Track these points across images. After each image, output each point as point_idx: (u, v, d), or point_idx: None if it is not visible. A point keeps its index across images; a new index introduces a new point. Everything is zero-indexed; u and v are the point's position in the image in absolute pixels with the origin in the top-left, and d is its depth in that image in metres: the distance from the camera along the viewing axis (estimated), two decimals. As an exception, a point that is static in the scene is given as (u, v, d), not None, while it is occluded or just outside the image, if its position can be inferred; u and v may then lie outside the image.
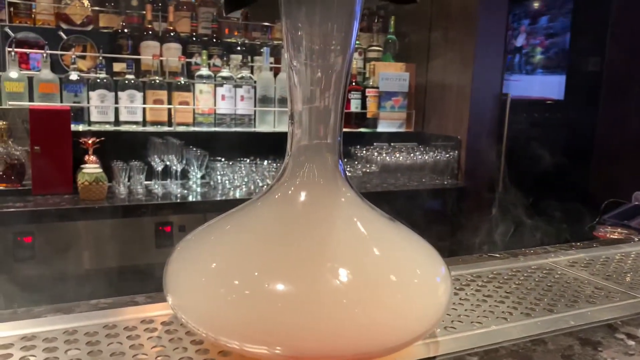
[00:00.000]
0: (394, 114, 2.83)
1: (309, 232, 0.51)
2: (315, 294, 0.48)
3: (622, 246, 0.91)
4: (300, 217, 0.52)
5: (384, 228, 0.55)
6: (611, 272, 0.78)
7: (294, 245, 0.50)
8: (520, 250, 0.86)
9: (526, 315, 0.62)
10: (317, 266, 0.49)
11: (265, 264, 0.49)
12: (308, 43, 0.51)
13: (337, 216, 0.53)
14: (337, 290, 0.48)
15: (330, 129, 0.53)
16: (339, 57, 0.52)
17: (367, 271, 0.51)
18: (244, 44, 2.63)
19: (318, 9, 0.50)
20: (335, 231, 0.52)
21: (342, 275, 0.49)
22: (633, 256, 0.86)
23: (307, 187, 0.53)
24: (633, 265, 0.81)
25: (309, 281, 0.48)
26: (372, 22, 2.89)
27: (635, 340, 0.58)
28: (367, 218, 0.54)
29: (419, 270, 0.53)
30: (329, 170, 0.53)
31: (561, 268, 0.79)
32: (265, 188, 0.54)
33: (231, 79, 2.51)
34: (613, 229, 1.62)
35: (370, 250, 0.52)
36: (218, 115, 2.51)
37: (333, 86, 0.52)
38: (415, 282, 0.52)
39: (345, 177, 0.54)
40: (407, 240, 0.55)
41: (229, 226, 0.53)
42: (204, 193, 2.33)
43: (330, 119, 0.53)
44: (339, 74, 0.52)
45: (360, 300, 0.49)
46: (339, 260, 0.50)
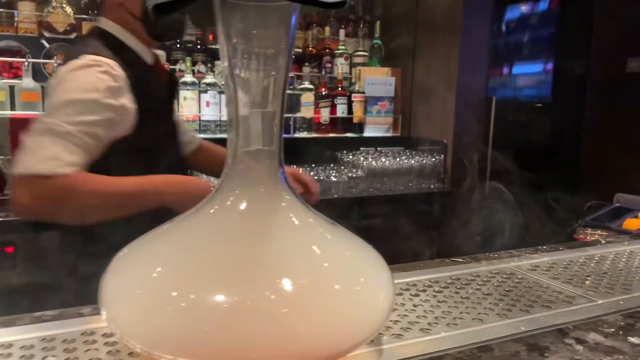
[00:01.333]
0: (380, 119, 2.83)
1: (247, 241, 0.51)
2: (252, 305, 0.47)
3: (588, 249, 0.91)
4: (239, 226, 0.51)
5: (325, 234, 0.54)
6: (572, 276, 0.77)
7: (232, 255, 0.50)
8: (484, 254, 0.86)
9: (478, 321, 0.62)
10: (255, 276, 0.49)
11: (201, 275, 0.48)
12: (244, 47, 0.50)
13: (276, 224, 0.52)
14: (274, 299, 0.48)
15: (270, 134, 0.52)
16: (276, 61, 0.51)
17: (305, 279, 0.50)
18: (228, 51, 2.63)
19: (253, 13, 0.50)
20: (274, 239, 0.52)
21: (280, 285, 0.48)
22: (597, 259, 0.86)
23: (246, 195, 0.52)
24: (595, 268, 0.81)
25: (245, 292, 0.48)
26: (357, 28, 2.89)
27: (584, 345, 0.57)
28: (308, 225, 0.54)
29: (358, 277, 0.52)
30: (269, 177, 0.53)
31: (522, 272, 0.78)
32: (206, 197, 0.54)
33: (216, 85, 2.51)
34: (594, 231, 1.62)
35: (309, 258, 0.52)
36: (203, 122, 2.50)
37: (271, 91, 0.52)
38: (354, 288, 0.51)
39: (286, 183, 0.54)
40: (348, 246, 0.55)
41: (166, 237, 0.52)
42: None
43: (270, 125, 0.52)
44: (278, 79, 0.52)
45: (297, 309, 0.48)
46: (276, 269, 0.49)
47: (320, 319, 0.49)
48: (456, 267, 0.79)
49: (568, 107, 3.03)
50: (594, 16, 2.99)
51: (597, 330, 0.61)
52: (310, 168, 2.62)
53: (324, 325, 0.49)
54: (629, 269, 0.81)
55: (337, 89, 2.75)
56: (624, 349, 0.57)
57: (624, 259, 0.86)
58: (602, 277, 0.78)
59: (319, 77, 2.75)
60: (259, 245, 0.51)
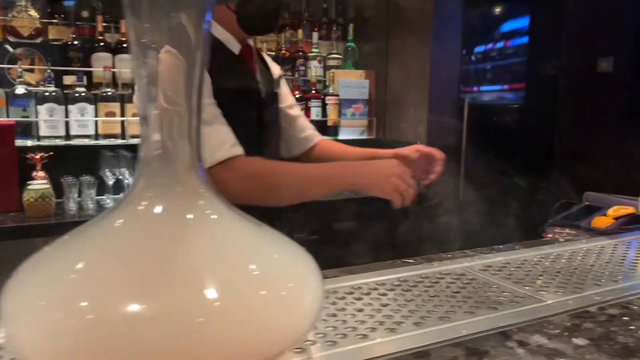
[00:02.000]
0: (355, 121, 2.81)
1: (160, 246, 0.48)
2: (164, 315, 0.44)
3: (544, 248, 0.89)
4: (151, 230, 0.48)
5: (248, 235, 0.51)
6: (524, 276, 0.75)
7: (143, 262, 0.47)
8: (437, 255, 0.84)
9: (419, 325, 0.59)
10: (168, 284, 0.46)
11: (110, 285, 0.45)
12: (154, 40, 0.47)
13: (193, 227, 0.49)
14: (188, 308, 0.45)
15: (185, 132, 0.49)
16: (190, 56, 0.49)
17: (223, 285, 0.47)
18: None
19: (163, 4, 0.47)
20: (190, 243, 0.49)
21: (195, 292, 0.45)
22: (552, 258, 0.84)
23: (160, 196, 0.49)
24: (549, 267, 0.79)
25: (157, 301, 0.45)
26: (330, 30, 2.88)
27: (526, 347, 0.55)
28: (229, 227, 0.51)
29: (281, 281, 0.49)
30: (185, 176, 0.50)
31: (473, 273, 0.76)
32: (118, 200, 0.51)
33: (186, 89, 2.46)
34: (562, 229, 1.60)
35: (228, 263, 0.49)
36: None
37: (185, 86, 0.49)
38: (278, 293, 0.49)
39: (206, 182, 0.51)
40: (274, 249, 0.52)
41: (72, 246, 0.49)
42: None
43: (184, 121, 0.49)
44: (191, 74, 0.49)
45: (214, 318, 0.45)
46: (191, 275, 0.46)
47: (240, 327, 0.46)
48: (405, 269, 0.77)
49: (540, 108, 3.04)
50: (564, 17, 3.01)
51: (541, 332, 0.58)
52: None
53: (243, 333, 0.46)
54: (583, 268, 0.79)
55: (311, 92, 2.72)
56: (567, 351, 0.54)
57: (579, 257, 0.84)
58: (555, 276, 0.76)
59: (293, 80, 2.73)
60: (173, 250, 0.48)
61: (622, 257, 0.85)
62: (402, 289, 0.69)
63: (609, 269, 0.79)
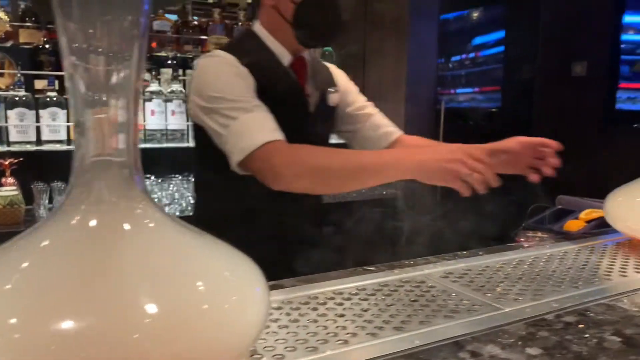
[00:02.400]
0: (333, 125, 2.80)
1: (95, 258, 0.46)
2: (97, 333, 0.42)
3: (508, 253, 0.88)
4: (85, 242, 0.46)
5: (190, 245, 0.50)
6: (484, 282, 0.75)
7: (75, 277, 0.44)
8: (399, 262, 0.82)
9: (372, 335, 0.58)
10: (102, 299, 0.44)
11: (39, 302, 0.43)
12: (85, 41, 0.46)
13: (129, 239, 0.47)
14: (123, 324, 0.43)
15: (121, 139, 0.47)
16: (127, 59, 0.47)
17: (160, 299, 0.45)
18: (175, 58, 2.56)
19: (96, 4, 0.45)
20: (126, 255, 0.47)
21: (130, 308, 0.44)
22: (514, 264, 0.83)
23: (94, 208, 0.47)
24: (510, 274, 0.78)
25: (91, 318, 0.43)
26: (308, 33, 2.87)
27: (478, 358, 0.54)
28: (168, 239, 0.49)
29: (224, 293, 0.48)
30: (122, 186, 0.48)
31: (434, 280, 0.75)
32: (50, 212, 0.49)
33: (161, 93, 2.44)
34: (534, 233, 1.61)
35: (166, 275, 0.47)
36: (148, 131, 2.43)
37: (121, 93, 0.47)
38: (220, 306, 0.47)
39: (145, 192, 0.49)
40: (216, 260, 0.50)
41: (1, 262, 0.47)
42: (132, 212, 2.23)
43: (122, 128, 0.47)
44: (128, 80, 0.47)
45: (151, 334, 0.43)
46: (126, 289, 0.44)
47: (179, 343, 0.44)
48: (365, 277, 0.75)
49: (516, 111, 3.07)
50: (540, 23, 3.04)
51: (495, 341, 0.58)
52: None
53: (182, 349, 0.44)
54: (544, 274, 0.79)
55: (288, 96, 2.71)
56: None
57: (542, 262, 0.84)
58: (515, 283, 0.75)
59: (269, 84, 2.71)
60: (108, 264, 0.46)
61: (584, 262, 0.85)
62: (360, 297, 0.68)
63: (570, 275, 0.78)
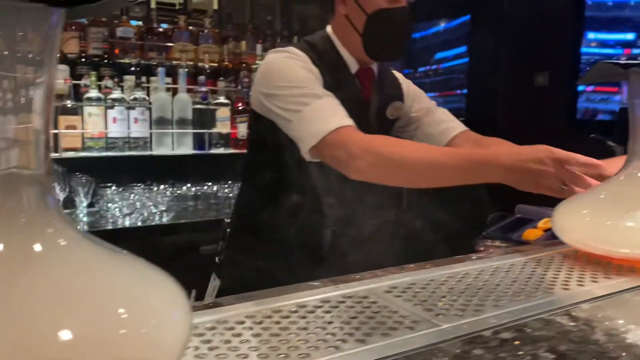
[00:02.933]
0: (300, 134, 2.79)
1: (2, 287, 0.43)
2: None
3: (455, 266, 0.88)
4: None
5: (106, 265, 0.48)
6: (427, 297, 0.74)
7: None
8: (345, 276, 0.81)
9: (304, 357, 0.56)
10: (9, 326, 0.41)
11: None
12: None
13: (40, 259, 0.45)
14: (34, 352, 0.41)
15: (33, 150, 0.45)
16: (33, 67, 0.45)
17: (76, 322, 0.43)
18: (138, 65, 2.53)
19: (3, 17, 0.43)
20: (36, 279, 0.44)
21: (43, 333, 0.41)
22: (459, 277, 0.83)
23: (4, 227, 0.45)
24: (454, 288, 0.78)
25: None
26: (275, 43, 2.86)
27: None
28: (83, 256, 0.47)
29: (142, 316, 0.46)
30: (34, 204, 0.46)
31: (376, 295, 0.74)
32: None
33: (123, 100, 2.40)
34: (492, 242, 1.62)
35: (81, 295, 0.45)
36: (110, 139, 2.38)
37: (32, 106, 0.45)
38: (137, 331, 0.45)
39: (59, 209, 0.47)
40: (135, 278, 0.48)
41: None
42: (92, 222, 2.20)
43: (30, 142, 0.45)
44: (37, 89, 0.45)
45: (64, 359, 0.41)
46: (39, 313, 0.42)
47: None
48: (307, 293, 0.74)
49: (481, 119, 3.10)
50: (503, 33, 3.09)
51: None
52: (227, 185, 2.55)
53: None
54: (488, 287, 0.78)
55: (248, 106, 2.70)
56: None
57: (487, 275, 0.84)
58: (458, 297, 0.74)
59: (236, 92, 2.69)
60: (16, 289, 0.43)
61: (529, 275, 0.85)
62: (298, 315, 0.67)
63: (513, 289, 0.78)
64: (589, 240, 0.92)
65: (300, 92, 1.10)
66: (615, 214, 0.90)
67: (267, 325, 0.64)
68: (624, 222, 0.89)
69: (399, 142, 1.11)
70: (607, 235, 0.90)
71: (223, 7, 2.86)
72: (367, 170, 1.03)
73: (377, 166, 1.02)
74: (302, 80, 1.12)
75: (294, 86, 1.11)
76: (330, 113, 1.07)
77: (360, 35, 1.22)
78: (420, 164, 1.01)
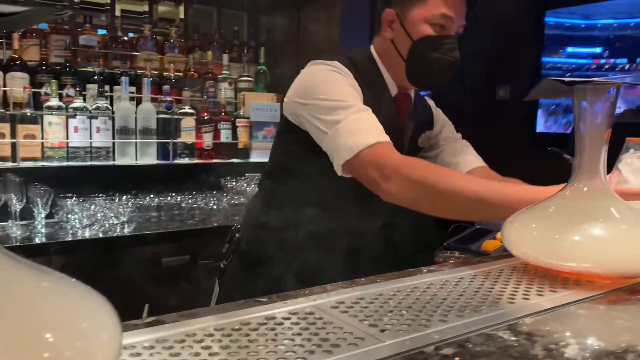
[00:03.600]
0: (267, 144, 2.78)
1: None
2: None
3: (405, 279, 0.89)
4: None
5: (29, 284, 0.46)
6: (373, 312, 0.74)
7: None
8: (294, 291, 0.81)
9: (241, 375, 0.55)
10: None
11: None
12: None
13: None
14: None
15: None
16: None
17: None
18: (102, 73, 2.49)
19: None
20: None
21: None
22: (408, 291, 0.83)
23: None
24: (401, 302, 0.78)
25: None
26: (242, 53, 2.85)
27: (344, 397, 0.53)
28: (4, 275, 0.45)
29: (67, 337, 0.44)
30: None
31: (323, 311, 0.74)
32: None
33: (85, 109, 2.36)
34: (452, 253, 1.64)
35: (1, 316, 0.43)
36: (71, 148, 2.34)
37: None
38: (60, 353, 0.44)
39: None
40: (60, 299, 0.47)
41: None
42: (50, 234, 2.14)
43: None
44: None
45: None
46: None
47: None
48: (253, 310, 0.73)
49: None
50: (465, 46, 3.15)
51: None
52: (191, 196, 2.52)
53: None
54: (435, 301, 0.79)
55: (221, 114, 2.68)
56: (386, 399, 0.53)
57: (435, 289, 0.84)
58: (404, 312, 0.75)
59: (201, 102, 2.67)
60: None
61: (476, 289, 0.86)
62: (240, 333, 0.66)
63: (459, 303, 0.79)
64: (536, 254, 0.93)
65: (341, 104, 1.09)
66: (562, 228, 0.92)
67: (208, 344, 0.63)
68: (571, 235, 0.91)
69: (439, 170, 1.07)
70: (555, 249, 0.91)
71: (190, 17, 2.85)
72: (398, 192, 1.01)
73: (409, 190, 1.01)
74: (344, 94, 1.11)
75: (336, 99, 1.10)
76: (368, 128, 1.06)
77: (404, 60, 1.22)
78: (465, 197, 0.99)
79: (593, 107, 0.94)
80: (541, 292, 0.86)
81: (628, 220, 0.93)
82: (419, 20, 1.20)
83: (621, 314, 0.79)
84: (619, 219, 0.92)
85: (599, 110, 0.94)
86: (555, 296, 0.84)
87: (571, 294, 0.85)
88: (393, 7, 1.25)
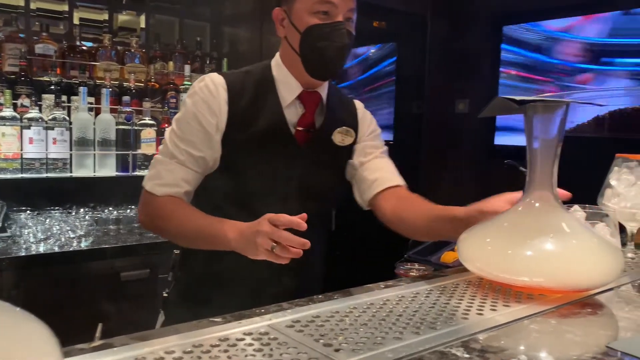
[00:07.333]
0: (229, 155, 2.76)
1: None
2: None
3: (361, 296, 0.89)
4: None
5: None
6: (328, 331, 0.74)
7: None
8: (250, 310, 0.80)
9: (190, 401, 0.54)
10: None
11: None
12: None
13: None
14: None
15: None
16: None
17: None
18: (59, 83, 2.42)
19: None
20: None
21: None
22: (364, 308, 0.83)
23: None
24: (357, 319, 0.78)
25: None
26: (204, 64, 2.83)
27: (295, 421, 0.52)
28: None
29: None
30: None
31: (278, 330, 0.73)
32: None
33: (41, 120, 2.29)
34: (412, 265, 1.65)
35: None
36: (25, 160, 2.27)
37: None
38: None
39: None
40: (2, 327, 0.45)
41: None
42: (3, 249, 2.06)
43: None
44: None
45: None
46: None
47: None
48: (206, 331, 0.72)
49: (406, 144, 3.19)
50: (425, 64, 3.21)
51: (320, 399, 0.56)
52: (152, 208, 2.47)
53: None
54: (390, 318, 0.79)
55: (183, 125, 2.64)
56: (337, 422, 0.52)
57: (391, 305, 0.85)
58: (359, 330, 0.75)
59: (162, 113, 2.63)
60: None
61: (432, 304, 0.86)
62: (192, 356, 0.65)
63: (415, 319, 0.79)
64: (490, 269, 0.95)
65: (171, 150, 1.25)
66: (515, 243, 0.94)
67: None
68: (523, 250, 0.93)
69: (169, 214, 1.18)
70: (508, 264, 0.93)
71: (151, 27, 2.81)
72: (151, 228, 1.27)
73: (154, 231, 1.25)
74: (185, 141, 1.24)
75: (177, 142, 1.26)
76: (154, 176, 1.24)
77: (298, 54, 1.21)
78: (184, 236, 1.18)
79: (544, 124, 0.96)
80: (494, 307, 0.87)
81: (578, 235, 0.96)
82: (302, 11, 1.20)
83: (571, 328, 0.81)
84: (570, 234, 0.95)
85: (549, 128, 0.97)
86: (508, 310, 0.86)
87: (524, 309, 0.87)
88: (282, 5, 1.25)
